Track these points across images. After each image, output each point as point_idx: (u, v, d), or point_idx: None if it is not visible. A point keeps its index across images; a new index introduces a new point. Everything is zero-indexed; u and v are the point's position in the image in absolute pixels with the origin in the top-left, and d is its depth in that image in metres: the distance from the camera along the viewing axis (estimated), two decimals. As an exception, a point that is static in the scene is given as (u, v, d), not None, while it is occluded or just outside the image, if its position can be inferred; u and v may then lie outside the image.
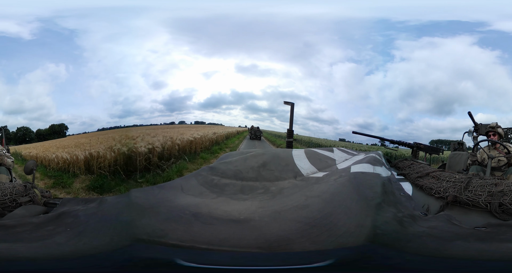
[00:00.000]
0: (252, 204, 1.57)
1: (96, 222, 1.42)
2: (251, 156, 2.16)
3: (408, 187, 1.95)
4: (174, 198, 1.62)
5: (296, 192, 1.68)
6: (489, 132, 4.03)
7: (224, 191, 1.78)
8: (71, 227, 1.38)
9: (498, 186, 1.62)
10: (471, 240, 1.22)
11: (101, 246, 1.25)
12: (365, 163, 2.09)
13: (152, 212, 1.44)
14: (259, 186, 1.83)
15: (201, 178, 1.90)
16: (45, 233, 1.35)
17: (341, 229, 1.25)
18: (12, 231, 1.36)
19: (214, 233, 1.29)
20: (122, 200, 1.61)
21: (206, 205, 1.55)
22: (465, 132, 5.24)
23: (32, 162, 2.60)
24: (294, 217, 1.37)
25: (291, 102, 4.73)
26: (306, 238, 1.22)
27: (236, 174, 1.95)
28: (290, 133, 4.90)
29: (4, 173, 3.50)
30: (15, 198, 1.74)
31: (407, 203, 1.60)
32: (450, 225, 1.32)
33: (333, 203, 1.44)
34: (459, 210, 1.60)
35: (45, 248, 1.25)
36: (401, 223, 1.32)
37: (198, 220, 1.37)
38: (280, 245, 1.20)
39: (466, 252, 1.16)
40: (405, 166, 2.56)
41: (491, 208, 1.53)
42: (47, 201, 1.87)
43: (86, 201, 1.72)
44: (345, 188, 1.58)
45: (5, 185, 1.83)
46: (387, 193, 1.60)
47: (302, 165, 2.13)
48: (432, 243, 1.21)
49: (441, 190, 1.76)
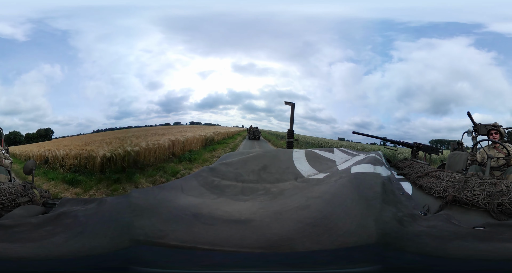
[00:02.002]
0: (253, 205, 1.57)
1: (96, 222, 1.41)
2: (251, 158, 2.16)
3: (408, 187, 1.95)
4: (174, 198, 1.62)
5: (296, 193, 1.68)
6: (491, 131, 4.03)
7: (225, 192, 1.78)
8: (70, 228, 1.37)
9: (497, 186, 1.62)
10: (470, 239, 1.23)
11: (101, 247, 1.24)
12: (365, 163, 2.10)
13: (152, 213, 1.43)
14: (260, 188, 1.84)
15: (202, 179, 1.90)
16: (43, 234, 1.34)
17: (342, 229, 1.25)
18: (11, 231, 1.35)
19: (215, 234, 1.29)
20: (122, 200, 1.60)
21: (206, 205, 1.55)
22: (465, 132, 5.25)
23: (31, 162, 2.59)
24: (295, 218, 1.37)
25: (292, 103, 4.72)
26: (307, 238, 1.23)
27: (237, 176, 1.95)
28: (291, 133, 4.89)
29: (3, 173, 3.49)
30: (14, 198, 1.74)
31: (407, 202, 1.61)
32: (449, 224, 1.33)
33: (334, 204, 1.44)
34: (458, 209, 1.60)
35: (44, 249, 1.24)
36: (401, 223, 1.33)
37: (199, 221, 1.37)
38: (281, 245, 1.20)
39: (465, 252, 1.17)
40: (405, 166, 2.56)
41: (490, 208, 1.54)
42: (46, 201, 1.86)
43: (85, 201, 1.71)
44: (346, 189, 1.58)
45: (4, 185, 1.82)
46: (387, 192, 1.60)
47: (302, 168, 2.14)
48: (432, 242, 1.21)
49: (441, 189, 1.77)
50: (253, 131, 22.89)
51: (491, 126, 4.08)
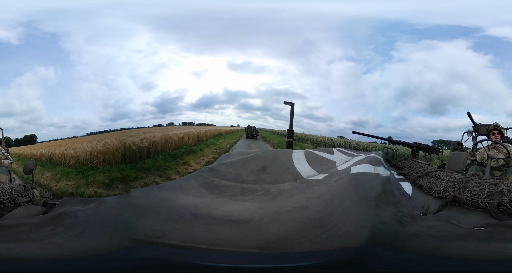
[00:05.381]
0: (252, 205, 1.57)
1: (96, 222, 1.41)
2: (251, 158, 2.16)
3: (408, 187, 1.95)
4: (174, 198, 1.62)
5: (296, 194, 1.68)
6: (493, 131, 4.02)
7: (224, 192, 1.78)
8: (70, 228, 1.37)
9: (497, 186, 1.62)
10: (470, 239, 1.22)
11: (101, 246, 1.24)
12: (365, 163, 2.09)
13: (152, 213, 1.43)
14: (259, 189, 1.84)
15: (201, 179, 1.90)
16: (44, 234, 1.34)
17: (341, 229, 1.25)
18: (11, 231, 1.36)
19: (214, 234, 1.29)
20: (122, 200, 1.60)
21: (206, 205, 1.55)
22: (465, 132, 5.23)
23: (31, 162, 2.59)
24: (294, 218, 1.37)
25: (291, 103, 4.71)
26: (307, 239, 1.23)
27: (236, 177, 1.95)
28: (290, 133, 4.88)
29: (3, 173, 3.49)
30: (14, 198, 1.74)
31: (407, 202, 1.60)
32: (449, 224, 1.32)
33: (333, 204, 1.44)
34: (458, 209, 1.60)
35: (44, 249, 1.24)
36: (401, 223, 1.32)
37: (198, 221, 1.37)
38: (280, 245, 1.21)
39: (465, 252, 1.16)
40: (405, 166, 2.56)
41: (490, 208, 1.53)
42: (47, 201, 1.86)
43: (85, 201, 1.71)
44: (345, 189, 1.58)
45: (4, 186, 1.82)
46: (387, 193, 1.60)
47: (302, 168, 2.14)
48: (431, 243, 1.21)
49: (441, 189, 1.76)
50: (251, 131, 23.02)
51: (492, 126, 4.08)
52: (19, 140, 17.95)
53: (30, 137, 18.40)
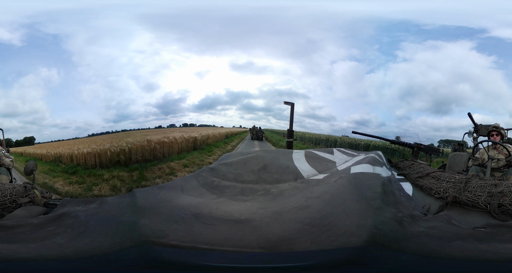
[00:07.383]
0: (253, 205, 1.57)
1: (97, 222, 1.42)
2: (251, 158, 2.16)
3: (408, 187, 1.95)
4: (174, 198, 1.63)
5: (296, 194, 1.68)
6: (492, 132, 4.02)
7: (224, 192, 1.78)
8: (72, 228, 1.38)
9: (497, 187, 1.62)
10: (470, 240, 1.22)
11: (102, 247, 1.25)
12: (365, 163, 2.10)
13: (152, 213, 1.44)
14: (260, 188, 1.84)
15: (202, 179, 1.91)
16: (45, 234, 1.34)
17: (341, 229, 1.26)
18: (12, 231, 1.36)
19: (215, 234, 1.29)
20: (123, 200, 1.61)
21: (206, 205, 1.56)
22: (465, 132, 5.23)
23: (32, 163, 2.60)
24: (295, 218, 1.37)
25: (291, 103, 4.71)
26: (307, 238, 1.23)
27: (237, 177, 1.96)
28: (291, 133, 4.88)
29: (4, 174, 3.50)
30: (15, 199, 1.74)
31: (407, 203, 1.60)
32: (449, 225, 1.32)
33: (333, 204, 1.44)
34: (459, 210, 1.60)
35: (45, 249, 1.24)
36: (401, 223, 1.32)
37: (199, 221, 1.38)
38: (281, 245, 1.21)
39: (465, 253, 1.16)
40: (406, 166, 2.56)
41: (491, 208, 1.53)
42: (47, 201, 1.87)
43: (86, 201, 1.72)
44: (345, 189, 1.59)
45: (5, 186, 1.83)
46: (387, 193, 1.60)
47: (302, 168, 2.14)
48: (431, 243, 1.21)
49: (441, 190, 1.77)
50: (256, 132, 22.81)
51: (491, 127, 4.07)
52: (19, 141, 18.24)
53: (29, 139, 18.81)
